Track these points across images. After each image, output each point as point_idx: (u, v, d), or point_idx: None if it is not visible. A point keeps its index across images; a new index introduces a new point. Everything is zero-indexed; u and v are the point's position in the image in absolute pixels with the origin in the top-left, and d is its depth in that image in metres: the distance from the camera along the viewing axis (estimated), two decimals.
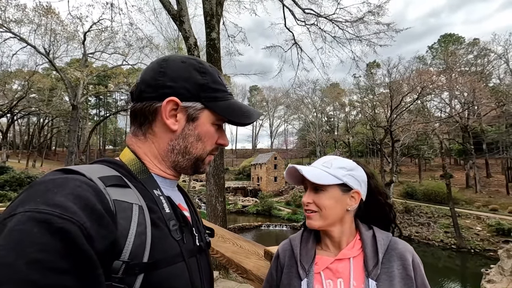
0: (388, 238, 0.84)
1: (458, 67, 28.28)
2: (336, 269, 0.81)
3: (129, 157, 0.62)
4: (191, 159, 0.65)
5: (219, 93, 0.65)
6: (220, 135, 0.68)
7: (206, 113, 0.63)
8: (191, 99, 0.62)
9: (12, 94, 26.46)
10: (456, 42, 37.39)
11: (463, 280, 16.07)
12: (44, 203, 0.39)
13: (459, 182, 30.76)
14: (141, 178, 0.59)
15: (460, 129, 26.65)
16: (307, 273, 0.81)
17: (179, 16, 5.91)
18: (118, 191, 0.50)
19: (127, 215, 0.49)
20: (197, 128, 0.63)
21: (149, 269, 0.48)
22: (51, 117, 38.92)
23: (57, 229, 0.37)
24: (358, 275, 0.78)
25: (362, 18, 10.63)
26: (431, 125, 16.34)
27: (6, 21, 16.47)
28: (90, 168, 0.52)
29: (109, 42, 21.13)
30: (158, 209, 0.55)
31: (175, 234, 0.55)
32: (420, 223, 23.65)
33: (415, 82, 13.10)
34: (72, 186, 0.43)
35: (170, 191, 0.66)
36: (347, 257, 0.82)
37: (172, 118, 0.61)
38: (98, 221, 0.42)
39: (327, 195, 0.83)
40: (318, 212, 0.84)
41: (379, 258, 0.78)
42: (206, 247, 0.69)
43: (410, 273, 0.76)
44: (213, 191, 5.74)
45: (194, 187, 37.31)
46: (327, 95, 45.45)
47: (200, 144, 0.64)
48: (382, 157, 14.49)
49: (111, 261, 0.44)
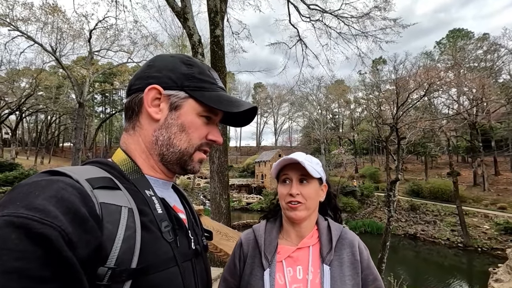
0: (340, 228, 0.92)
1: (467, 62, 27.69)
2: (297, 257, 0.86)
3: (121, 157, 0.60)
4: (176, 153, 0.61)
5: (206, 84, 0.62)
6: (211, 131, 0.64)
7: (191, 102, 0.61)
8: (175, 88, 0.60)
9: (21, 92, 26.86)
10: (465, 37, 36.54)
11: (470, 279, 15.88)
12: (24, 207, 0.36)
13: (466, 180, 30.29)
14: (132, 178, 0.57)
15: (468, 126, 26.15)
16: (270, 263, 0.86)
17: (183, 13, 5.89)
18: (107, 194, 0.48)
19: (114, 218, 0.46)
20: (180, 118, 0.60)
21: (137, 275, 0.45)
22: (58, 115, 39.50)
23: (36, 235, 0.34)
24: (315, 262, 0.85)
25: (368, 13, 10.44)
26: (438, 122, 16.07)
27: (14, 19, 16.68)
28: (78, 169, 0.50)
29: (114, 40, 21.23)
30: (149, 211, 0.53)
31: (167, 236, 0.53)
32: (426, 221, 23.41)
33: (422, 79, 12.86)
34: (55, 188, 0.41)
35: (165, 192, 0.64)
36: (307, 245, 0.89)
37: (155, 107, 0.60)
38: (81, 226, 0.40)
39: (312, 187, 0.91)
40: (304, 203, 0.89)
41: (332, 245, 0.86)
42: (202, 250, 0.66)
43: (357, 258, 0.86)
44: (217, 189, 5.75)
45: (198, 184, 37.54)
46: (332, 92, 45.01)
47: (184, 136, 0.61)
48: (387, 154, 14.33)
49: (96, 268, 0.42)
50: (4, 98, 25.22)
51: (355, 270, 0.83)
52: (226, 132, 6.30)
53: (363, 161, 45.71)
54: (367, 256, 0.89)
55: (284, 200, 0.91)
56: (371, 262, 0.89)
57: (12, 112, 27.65)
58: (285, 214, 0.93)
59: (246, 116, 0.70)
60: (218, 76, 0.69)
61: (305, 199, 0.88)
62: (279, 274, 0.83)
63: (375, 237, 20.45)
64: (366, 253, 0.90)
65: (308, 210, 0.89)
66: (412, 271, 16.72)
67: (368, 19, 10.50)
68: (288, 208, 0.89)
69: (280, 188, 0.94)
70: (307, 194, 0.89)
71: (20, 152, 37.17)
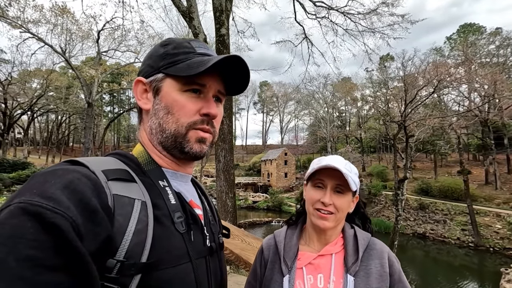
0: (368, 238, 0.87)
1: (478, 58, 26.92)
2: (318, 264, 0.83)
3: (138, 149, 0.61)
4: (169, 137, 0.58)
5: (180, 56, 0.58)
6: (204, 105, 0.59)
7: (168, 81, 0.58)
8: (153, 73, 0.59)
9: (32, 92, 27.54)
10: (476, 32, 35.51)
11: (481, 279, 15.55)
12: (39, 195, 0.37)
13: (477, 178, 29.58)
14: (148, 169, 0.57)
15: (479, 124, 25.50)
16: (290, 269, 0.83)
17: (189, 12, 5.92)
18: (121, 186, 0.48)
19: (126, 211, 0.46)
20: (162, 100, 0.58)
21: (147, 269, 0.45)
22: (68, 115, 40.37)
23: (49, 224, 0.35)
24: (338, 271, 0.81)
25: (375, 9, 10.28)
26: (448, 119, 15.71)
27: (25, 21, 17.07)
28: (97, 160, 0.51)
29: (122, 40, 21.53)
30: (164, 203, 0.52)
31: (179, 227, 0.52)
32: (435, 220, 23.00)
33: (431, 75, 12.59)
34: (70, 178, 0.41)
35: (183, 185, 0.63)
36: (329, 253, 0.85)
37: (144, 99, 0.61)
38: (91, 217, 0.40)
39: (346, 198, 0.86)
40: (335, 214, 0.84)
41: (359, 256, 0.81)
42: (218, 248, 0.64)
43: (386, 270, 0.80)
44: (223, 187, 5.79)
45: (205, 182, 37.82)
46: (339, 90, 44.54)
47: (171, 117, 0.57)
48: (395, 152, 14.11)
49: (104, 260, 0.41)
50: (17, 98, 25.90)
51: (384, 283, 0.78)
52: (232, 131, 6.32)
53: (371, 159, 45.15)
54: (399, 269, 0.82)
55: (313, 205, 0.86)
56: (403, 275, 0.82)
57: (24, 112, 28.40)
58: (311, 220, 0.89)
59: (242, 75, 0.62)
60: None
61: (337, 210, 0.84)
62: (299, 281, 0.81)
63: (383, 236, 20.21)
64: (398, 265, 0.83)
65: (337, 221, 0.86)
66: (421, 271, 16.48)
67: (375, 15, 10.34)
68: (317, 216, 0.85)
69: (310, 191, 0.88)
70: (340, 205, 0.84)
71: (32, 151, 38.17)
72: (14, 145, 34.30)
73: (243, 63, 0.58)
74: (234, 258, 1.49)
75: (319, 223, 0.85)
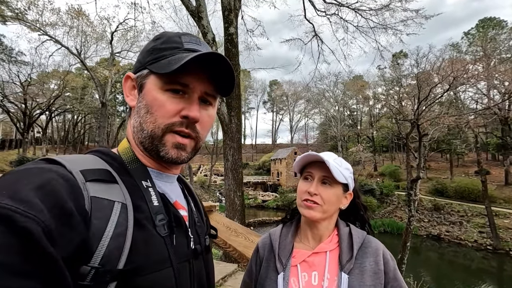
0: (363, 236, 0.87)
1: (498, 54, 25.73)
2: (313, 262, 0.83)
3: (124, 145, 0.58)
4: (147, 137, 0.54)
5: (166, 51, 0.53)
6: (186, 106, 0.53)
7: (152, 78, 0.54)
8: (140, 69, 0.56)
9: (50, 93, 28.60)
10: (497, 27, 33.98)
11: (500, 283, 14.96)
12: (10, 197, 0.35)
13: (496, 179, 28.37)
14: (131, 167, 0.54)
15: (499, 122, 24.40)
16: (284, 266, 0.84)
17: (198, 12, 5.97)
18: (100, 187, 0.46)
19: (104, 214, 0.43)
20: (144, 98, 0.54)
21: (123, 276, 0.42)
22: (84, 114, 41.66)
23: (20, 228, 0.33)
24: (332, 269, 0.81)
25: (388, 5, 10.00)
26: (465, 117, 15.11)
27: (43, 24, 17.75)
28: (75, 159, 0.48)
29: (134, 41, 22.01)
30: (146, 205, 0.49)
31: (160, 230, 0.49)
32: (451, 222, 22.29)
33: (447, 72, 12.15)
34: (45, 178, 0.39)
35: (168, 186, 0.60)
36: (324, 250, 0.84)
37: (132, 95, 0.58)
38: (65, 221, 0.38)
39: (333, 191, 0.87)
40: (321, 205, 0.85)
41: (353, 254, 0.82)
42: (203, 251, 0.61)
43: (381, 267, 0.80)
44: (231, 186, 5.83)
45: (215, 181, 38.15)
46: (350, 88, 43.76)
47: (149, 117, 0.53)
48: (408, 152, 13.74)
49: (78, 266, 0.39)
50: (36, 99, 26.99)
51: (378, 280, 0.78)
52: (241, 130, 6.34)
53: (383, 159, 44.17)
54: (393, 267, 0.82)
55: (301, 197, 0.88)
56: (398, 273, 0.82)
57: (43, 112, 29.54)
58: (299, 211, 0.90)
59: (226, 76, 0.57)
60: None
61: (323, 201, 0.84)
62: (294, 278, 0.82)
63: (395, 237, 19.77)
64: (393, 263, 0.83)
65: (324, 213, 0.85)
66: (435, 274, 16.01)
67: (388, 10, 10.06)
68: (303, 206, 0.87)
69: (300, 184, 0.91)
70: (326, 197, 0.85)
71: (50, 150, 39.61)
72: (33, 143, 35.78)
73: (224, 61, 0.53)
74: (237, 256, 1.50)
75: (306, 212, 0.86)
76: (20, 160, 21.04)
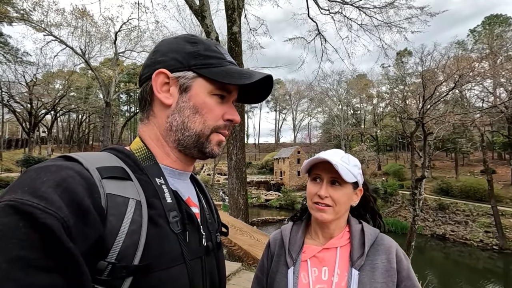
0: (375, 233, 0.87)
1: (505, 51, 25.33)
2: (323, 257, 0.83)
3: (137, 144, 0.60)
4: (192, 136, 0.58)
5: (213, 60, 0.59)
6: (228, 110, 0.61)
7: (200, 81, 0.58)
8: (182, 69, 0.58)
9: (55, 93, 28.89)
10: (503, 24, 33.45)
11: (507, 284, 14.80)
12: (31, 193, 0.36)
13: (503, 178, 28.03)
14: (145, 165, 0.55)
15: (505, 120, 24.05)
16: (294, 261, 0.85)
17: (201, 11, 5.97)
18: (115, 184, 0.47)
19: (120, 211, 0.45)
20: (191, 99, 0.57)
21: (139, 272, 0.43)
22: (88, 114, 42.05)
23: (41, 224, 0.34)
24: (342, 265, 0.81)
25: (392, 2, 9.90)
26: (471, 116, 14.93)
27: (48, 25, 17.91)
28: (92, 156, 0.49)
29: (138, 41, 22.09)
30: (159, 202, 0.51)
31: (174, 227, 0.51)
32: (456, 221, 22.09)
33: (452, 70, 12.00)
34: (63, 176, 0.40)
35: (180, 183, 0.62)
36: (334, 246, 0.84)
37: (165, 93, 0.58)
38: (83, 218, 0.39)
39: (344, 191, 0.85)
40: (333, 206, 0.84)
41: (365, 250, 0.81)
42: (215, 247, 0.63)
43: (393, 265, 0.79)
44: (235, 185, 5.83)
45: (218, 180, 38.25)
46: (353, 87, 43.47)
47: (199, 117, 0.58)
48: (412, 151, 13.62)
49: (95, 262, 0.41)
50: (41, 99, 27.29)
51: (390, 278, 0.77)
52: (244, 129, 6.34)
53: (387, 158, 43.89)
54: (407, 266, 0.81)
55: (312, 199, 0.87)
56: (412, 272, 0.81)
57: (48, 112, 29.87)
58: (311, 212, 0.90)
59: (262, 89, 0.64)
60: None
61: (334, 203, 0.84)
62: (304, 273, 0.82)
63: (400, 237, 19.63)
64: (406, 262, 0.81)
65: (336, 214, 0.85)
66: (440, 273, 15.89)
67: (392, 8, 9.96)
68: (315, 209, 0.86)
69: (309, 185, 0.90)
70: (337, 198, 0.84)
71: (55, 149, 40.07)
72: (39, 143, 36.22)
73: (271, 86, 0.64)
74: (242, 254, 1.50)
75: (318, 215, 0.86)
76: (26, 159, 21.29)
